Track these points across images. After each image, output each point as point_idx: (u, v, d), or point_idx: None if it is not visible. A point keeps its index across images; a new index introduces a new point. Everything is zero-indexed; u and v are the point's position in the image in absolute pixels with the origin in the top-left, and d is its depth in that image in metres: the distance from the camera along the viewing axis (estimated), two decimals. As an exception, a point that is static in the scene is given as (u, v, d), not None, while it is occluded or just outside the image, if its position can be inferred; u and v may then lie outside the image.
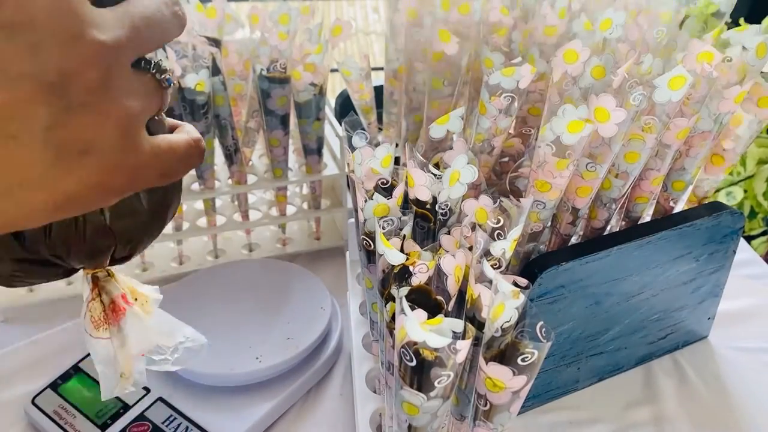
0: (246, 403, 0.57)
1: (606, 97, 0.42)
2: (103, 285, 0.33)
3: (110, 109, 0.23)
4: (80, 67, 0.22)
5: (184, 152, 0.27)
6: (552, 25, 0.57)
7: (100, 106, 0.23)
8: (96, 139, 0.23)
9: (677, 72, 0.44)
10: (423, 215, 0.44)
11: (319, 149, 0.72)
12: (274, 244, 0.79)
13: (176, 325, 0.37)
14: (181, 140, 0.27)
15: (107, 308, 0.34)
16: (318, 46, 0.64)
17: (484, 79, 0.47)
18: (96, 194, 0.24)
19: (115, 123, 0.23)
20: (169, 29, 0.26)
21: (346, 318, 0.64)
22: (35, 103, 0.21)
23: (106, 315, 0.34)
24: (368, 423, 0.50)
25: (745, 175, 1.34)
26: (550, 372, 0.57)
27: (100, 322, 0.34)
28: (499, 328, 0.34)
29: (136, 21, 0.24)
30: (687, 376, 0.62)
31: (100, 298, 0.34)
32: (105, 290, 0.33)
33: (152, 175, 0.26)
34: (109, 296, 0.33)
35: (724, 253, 0.59)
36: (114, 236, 0.30)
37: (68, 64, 0.21)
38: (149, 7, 0.25)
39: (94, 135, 0.23)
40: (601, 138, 0.44)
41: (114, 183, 0.24)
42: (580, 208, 0.50)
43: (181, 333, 0.37)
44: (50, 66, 0.21)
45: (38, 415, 0.56)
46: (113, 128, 0.23)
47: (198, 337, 0.38)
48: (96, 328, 0.34)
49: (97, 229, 0.29)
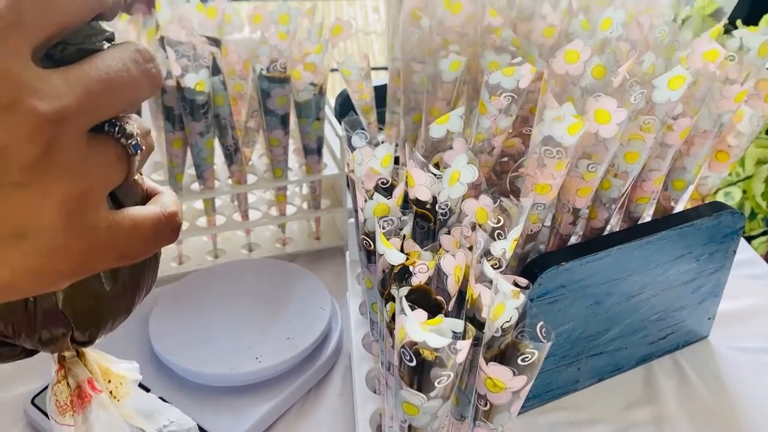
0: (246, 403, 0.57)
1: (607, 99, 0.42)
2: (69, 367, 0.30)
3: (50, 189, 0.20)
4: (14, 142, 0.19)
5: (150, 230, 0.24)
6: (552, 25, 0.57)
7: (37, 186, 0.20)
8: (33, 222, 0.20)
9: (677, 72, 0.44)
10: (423, 215, 0.44)
11: (319, 149, 0.72)
12: (274, 244, 0.79)
13: (159, 407, 0.34)
14: (149, 216, 0.24)
15: (73, 393, 0.30)
16: (318, 46, 0.64)
17: (484, 79, 0.47)
18: (38, 281, 0.22)
19: (56, 203, 0.21)
20: (138, 92, 0.23)
21: (346, 318, 0.64)
22: None
23: (72, 401, 0.30)
24: (368, 423, 0.50)
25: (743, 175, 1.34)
26: (550, 372, 0.57)
27: (66, 408, 0.30)
28: (499, 328, 0.34)
29: (92, 85, 0.21)
30: (687, 376, 0.62)
31: (67, 381, 0.30)
32: (71, 373, 0.30)
33: (109, 256, 0.23)
34: (75, 380, 0.30)
35: (725, 253, 0.59)
36: (68, 321, 0.27)
37: (0, 138, 0.19)
38: (112, 67, 0.22)
39: (30, 217, 0.20)
40: (600, 138, 0.44)
41: (57, 268, 0.22)
42: (580, 208, 0.50)
43: (164, 416, 0.34)
44: None
45: (38, 415, 0.56)
46: (53, 209, 0.21)
47: (185, 420, 0.35)
48: (62, 414, 0.30)
49: (48, 313, 0.26)
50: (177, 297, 0.64)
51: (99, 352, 0.32)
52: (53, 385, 0.30)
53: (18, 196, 0.20)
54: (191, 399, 0.57)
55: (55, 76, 0.20)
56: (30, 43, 0.20)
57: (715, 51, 0.47)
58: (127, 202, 0.25)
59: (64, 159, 0.21)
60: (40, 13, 0.20)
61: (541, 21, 0.57)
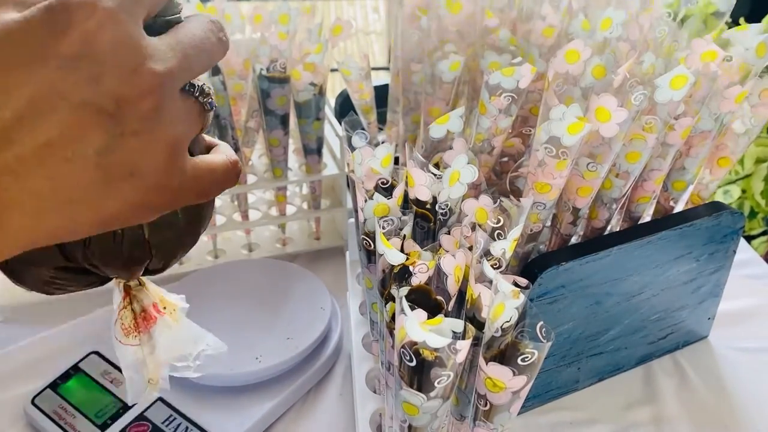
0: (246, 403, 0.57)
1: (607, 97, 0.42)
2: (134, 294, 0.34)
3: (159, 136, 0.25)
4: (137, 97, 0.23)
5: (222, 175, 0.28)
6: (551, 25, 0.57)
7: (151, 133, 0.24)
8: (144, 163, 0.24)
9: (679, 71, 0.44)
10: (423, 215, 0.44)
11: (319, 149, 0.72)
12: (274, 244, 0.79)
13: (200, 333, 0.38)
14: (219, 162, 0.28)
15: (138, 316, 0.35)
16: (318, 46, 0.64)
17: (484, 79, 0.47)
18: (138, 213, 0.26)
19: (163, 148, 0.25)
20: (215, 55, 0.28)
21: (346, 318, 0.64)
22: (91, 128, 0.23)
23: (136, 323, 0.35)
24: (368, 423, 0.50)
25: (743, 173, 1.34)
26: (550, 372, 0.57)
27: (131, 330, 0.35)
28: (499, 328, 0.34)
29: (187, 50, 0.26)
30: (687, 376, 0.62)
31: (131, 307, 0.34)
32: (136, 299, 0.34)
33: (191, 195, 0.27)
34: (140, 305, 0.34)
35: (725, 253, 0.59)
36: (150, 249, 0.31)
37: (126, 93, 0.23)
38: (197, 35, 0.26)
39: (142, 159, 0.24)
40: (601, 137, 0.44)
41: (156, 202, 0.26)
42: (581, 208, 0.50)
43: (203, 341, 0.38)
44: (109, 95, 0.23)
45: (38, 415, 0.56)
46: (161, 153, 0.25)
47: (219, 345, 0.39)
48: (126, 335, 0.35)
49: (135, 242, 0.30)
50: (177, 297, 0.64)
51: (153, 284, 0.36)
52: (119, 310, 0.34)
53: (135, 142, 0.24)
54: (191, 399, 0.57)
55: (160, 42, 0.25)
56: (144, 16, 0.25)
57: (714, 52, 0.47)
58: (195, 152, 0.29)
59: (170, 111, 0.25)
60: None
61: (540, 21, 0.57)
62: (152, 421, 0.55)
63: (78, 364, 0.60)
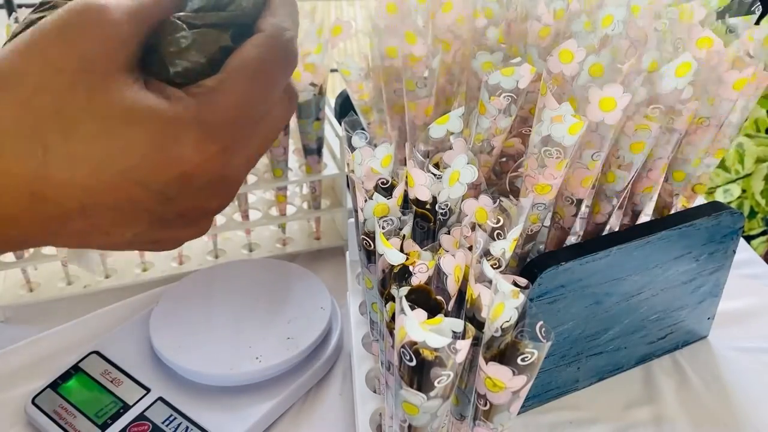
0: (246, 403, 0.57)
1: (612, 86, 0.42)
2: None
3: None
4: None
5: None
6: (547, 25, 0.57)
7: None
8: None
9: (683, 59, 0.44)
10: (423, 215, 0.44)
11: (319, 149, 0.72)
12: (274, 244, 0.79)
13: None
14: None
15: None
16: (318, 46, 0.64)
17: (484, 79, 0.47)
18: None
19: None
20: (279, 80, 0.32)
21: (346, 318, 0.64)
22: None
23: None
24: (368, 423, 0.50)
25: (743, 173, 1.34)
26: (550, 372, 0.57)
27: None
28: (499, 327, 0.34)
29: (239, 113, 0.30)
30: (687, 376, 0.62)
31: None
32: None
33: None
34: None
35: (724, 253, 0.59)
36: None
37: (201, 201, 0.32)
38: (251, 68, 0.31)
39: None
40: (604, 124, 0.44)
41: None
42: (583, 199, 0.50)
43: None
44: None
45: (38, 414, 0.56)
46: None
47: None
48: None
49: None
50: (178, 297, 0.64)
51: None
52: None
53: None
54: (191, 399, 0.57)
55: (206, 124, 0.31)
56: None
57: (709, 38, 0.47)
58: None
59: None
60: None
61: (536, 22, 0.57)
62: (152, 420, 0.55)
63: (78, 364, 0.60)
